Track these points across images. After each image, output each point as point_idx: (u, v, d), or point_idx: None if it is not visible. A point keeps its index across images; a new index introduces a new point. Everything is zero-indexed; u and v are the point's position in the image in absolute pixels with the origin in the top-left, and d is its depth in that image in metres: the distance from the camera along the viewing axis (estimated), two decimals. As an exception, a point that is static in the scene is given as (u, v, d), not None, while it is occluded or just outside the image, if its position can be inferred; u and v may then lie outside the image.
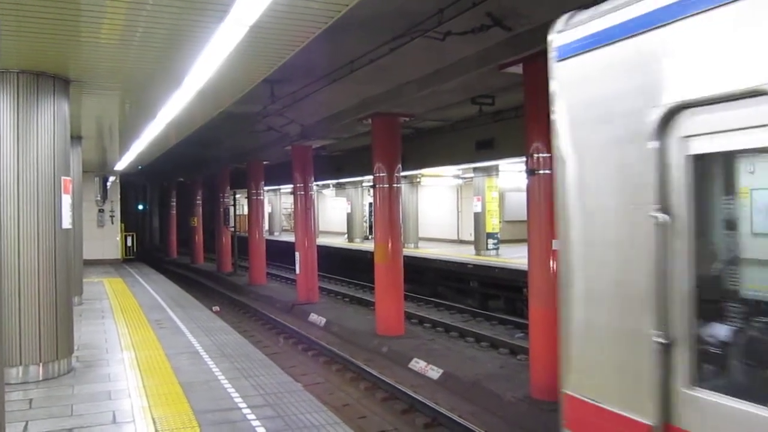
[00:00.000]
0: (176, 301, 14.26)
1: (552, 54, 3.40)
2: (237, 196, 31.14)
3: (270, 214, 42.31)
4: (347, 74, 10.89)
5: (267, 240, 25.85)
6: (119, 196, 26.17)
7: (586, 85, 3.22)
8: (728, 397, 2.48)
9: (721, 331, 2.69)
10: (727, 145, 2.55)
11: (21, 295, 7.11)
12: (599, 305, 3.14)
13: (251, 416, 5.97)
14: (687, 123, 2.65)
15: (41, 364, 7.30)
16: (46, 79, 7.42)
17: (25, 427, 5.74)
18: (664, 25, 2.71)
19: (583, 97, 3.26)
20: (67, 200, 7.64)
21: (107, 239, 24.94)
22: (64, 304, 7.59)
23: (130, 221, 29.88)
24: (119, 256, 25.91)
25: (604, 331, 3.11)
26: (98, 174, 24.01)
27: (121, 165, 21.22)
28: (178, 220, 37.81)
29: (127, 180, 28.92)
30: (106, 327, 10.88)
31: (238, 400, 6.50)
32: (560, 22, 3.38)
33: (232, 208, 29.42)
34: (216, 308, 15.35)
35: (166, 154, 19.99)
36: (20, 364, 7.14)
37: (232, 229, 29.23)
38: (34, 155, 7.27)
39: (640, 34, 2.85)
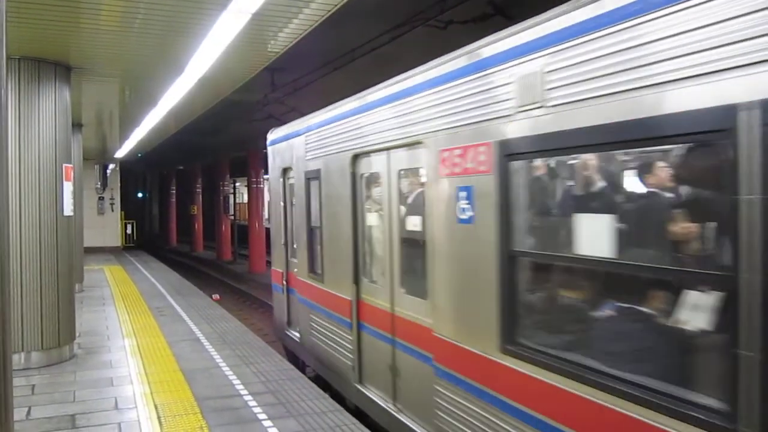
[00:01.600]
0: (176, 289, 14.30)
1: (268, 143, 9.42)
2: (237, 184, 31.13)
3: (270, 202, 42.43)
4: (348, 62, 10.86)
5: (267, 228, 25.90)
6: (119, 184, 26.17)
7: (274, 156, 9.19)
8: (315, 277, 7.58)
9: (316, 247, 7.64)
10: (294, 180, 8.29)
11: (23, 282, 7.15)
12: (276, 234, 9.46)
13: (252, 403, 6.01)
14: (290, 174, 8.51)
15: (43, 351, 7.34)
16: (47, 65, 7.41)
17: (28, 413, 5.78)
18: (289, 139, 8.39)
19: (273, 161, 9.25)
20: (68, 187, 7.65)
21: (107, 227, 24.98)
22: (65, 290, 7.63)
23: (130, 209, 29.91)
24: (119, 244, 25.95)
25: (283, 248, 9.04)
26: (98, 162, 23.99)
27: (121, 153, 21.21)
28: (178, 208, 37.84)
29: (127, 168, 28.89)
30: (107, 314, 10.93)
31: (240, 387, 6.54)
32: (270, 131, 9.32)
33: (231, 197, 29.42)
34: (216, 296, 15.39)
35: (166, 142, 19.96)
36: (22, 350, 7.19)
37: (232, 217, 29.25)
38: (35, 142, 7.27)
39: (285, 140, 8.60)
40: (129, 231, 29.33)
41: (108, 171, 25.28)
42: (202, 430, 5.31)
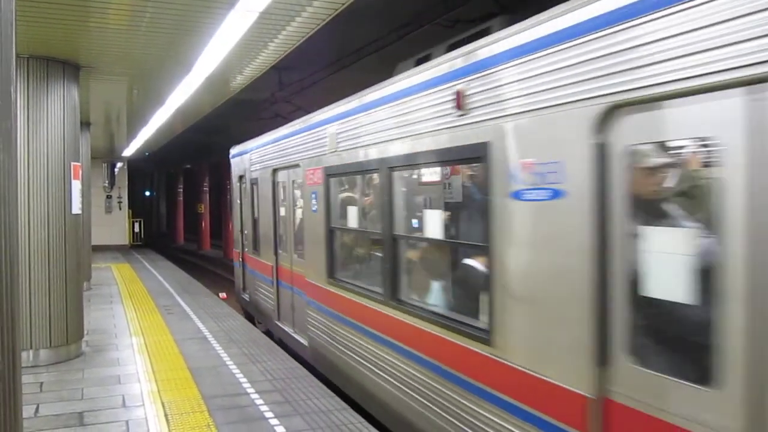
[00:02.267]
0: (183, 287, 14.34)
1: (230, 156, 12.78)
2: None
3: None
4: (355, 61, 10.85)
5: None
6: (127, 182, 26.25)
7: (234, 167, 12.48)
8: (256, 253, 10.87)
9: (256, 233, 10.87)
10: (245, 185, 11.44)
11: (31, 280, 7.19)
12: (236, 224, 12.69)
13: (259, 401, 6.03)
14: (243, 180, 11.60)
15: (51, 348, 7.38)
16: (56, 64, 7.44)
17: (36, 410, 5.82)
18: (242, 154, 11.67)
19: (233, 170, 12.57)
20: (77, 185, 7.68)
21: (115, 225, 25.07)
22: (74, 288, 7.66)
23: (137, 207, 30.02)
24: (127, 242, 26.05)
25: (240, 234, 12.30)
26: (106, 160, 24.08)
27: (129, 151, 21.30)
28: (185, 206, 37.94)
29: (135, 166, 28.98)
30: (115, 312, 10.97)
31: (246, 385, 6.55)
32: (232, 148, 12.68)
33: (238, 195, 29.44)
34: (223, 294, 15.41)
35: (173, 141, 20.01)
36: (31, 348, 7.23)
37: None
38: (44, 140, 7.30)
39: (240, 155, 11.90)
40: (136, 229, 29.42)
41: (116, 169, 25.38)
42: (209, 428, 5.33)
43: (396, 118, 5.21)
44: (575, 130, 3.22)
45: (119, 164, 25.53)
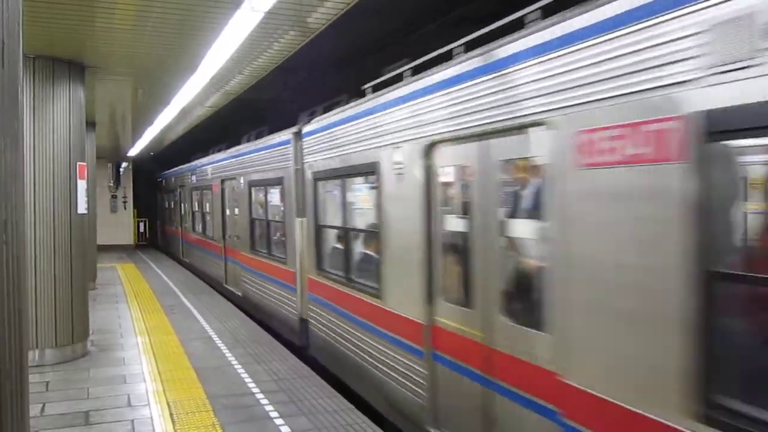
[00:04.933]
0: (188, 287, 14.35)
1: (158, 177, 25.04)
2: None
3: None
4: (358, 60, 10.84)
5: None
6: (132, 182, 26.28)
7: (162, 181, 24.39)
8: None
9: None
10: (174, 194, 21.04)
11: (37, 280, 7.20)
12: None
13: (264, 401, 6.03)
14: (170, 189, 22.21)
15: (57, 348, 7.39)
16: (62, 64, 7.46)
17: (42, 409, 5.83)
18: (165, 177, 23.49)
19: (162, 183, 24.56)
20: (82, 185, 7.69)
21: (120, 225, 25.12)
22: (79, 288, 7.67)
23: (142, 207, 30.02)
24: (132, 242, 26.09)
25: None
26: (111, 160, 24.12)
27: (134, 151, 21.32)
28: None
29: (140, 166, 29.00)
30: (120, 312, 10.99)
31: (252, 385, 6.55)
32: (159, 175, 24.89)
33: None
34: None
35: (179, 141, 20.04)
36: (36, 348, 7.24)
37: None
38: (50, 140, 7.31)
39: (163, 177, 24.11)
40: (141, 229, 29.44)
41: (121, 169, 25.42)
42: (214, 427, 5.33)
43: None
44: None
45: (124, 164, 25.57)
